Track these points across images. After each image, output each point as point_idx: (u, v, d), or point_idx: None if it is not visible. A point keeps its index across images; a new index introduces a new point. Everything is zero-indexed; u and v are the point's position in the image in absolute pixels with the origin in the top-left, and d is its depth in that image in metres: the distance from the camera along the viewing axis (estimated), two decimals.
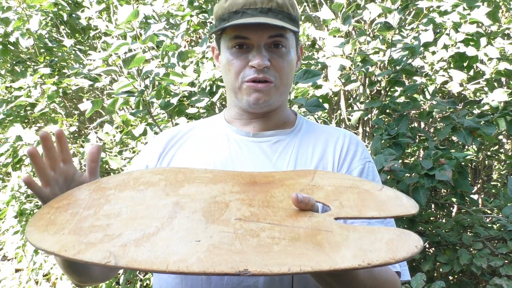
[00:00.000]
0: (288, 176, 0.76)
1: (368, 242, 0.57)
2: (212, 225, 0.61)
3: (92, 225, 0.62)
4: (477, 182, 3.06)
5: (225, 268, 0.52)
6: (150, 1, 2.53)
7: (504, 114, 1.84)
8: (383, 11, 2.01)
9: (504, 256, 1.85)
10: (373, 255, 0.54)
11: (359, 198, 0.68)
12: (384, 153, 1.73)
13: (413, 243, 0.57)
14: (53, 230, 0.61)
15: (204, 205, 0.66)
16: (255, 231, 0.59)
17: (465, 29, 2.06)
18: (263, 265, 0.53)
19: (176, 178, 0.75)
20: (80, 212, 0.65)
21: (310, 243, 0.56)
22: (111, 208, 0.66)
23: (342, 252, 0.55)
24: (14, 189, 2.88)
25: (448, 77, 2.22)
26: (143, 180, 0.74)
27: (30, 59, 3.05)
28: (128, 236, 0.59)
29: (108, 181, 0.75)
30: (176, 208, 0.66)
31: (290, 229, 0.59)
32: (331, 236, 0.58)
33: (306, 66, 2.25)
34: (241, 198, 0.68)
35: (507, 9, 2.80)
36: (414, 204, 0.67)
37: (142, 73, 2.09)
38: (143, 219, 0.63)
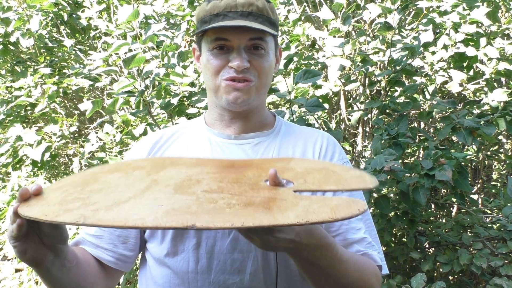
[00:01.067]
0: (266, 162, 0.82)
1: (315, 207, 0.64)
2: (178, 195, 0.68)
3: (75, 198, 0.70)
4: (477, 182, 3.06)
5: (176, 223, 0.60)
6: (150, 1, 2.53)
7: (504, 114, 1.84)
8: (383, 11, 2.01)
9: (504, 256, 1.85)
10: (313, 216, 0.62)
11: (324, 177, 0.75)
12: (384, 153, 1.73)
13: (357, 207, 0.64)
14: (41, 203, 0.69)
15: (178, 182, 0.73)
16: (215, 199, 0.67)
17: (465, 29, 2.06)
18: (210, 221, 0.60)
19: (163, 163, 0.82)
20: (69, 190, 0.73)
21: (261, 208, 0.64)
22: (97, 186, 0.74)
23: (287, 213, 0.62)
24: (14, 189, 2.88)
25: (448, 77, 2.22)
26: (133, 166, 0.81)
27: (31, 59, 3.05)
28: (101, 203, 0.67)
29: (103, 167, 0.83)
30: (152, 184, 0.73)
31: (248, 198, 0.67)
32: (283, 203, 0.65)
33: (306, 66, 2.25)
34: (214, 177, 0.75)
35: (507, 9, 2.80)
36: (374, 180, 0.74)
37: (143, 73, 2.09)
38: (120, 192, 0.70)
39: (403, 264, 2.22)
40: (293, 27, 2.50)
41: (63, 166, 3.58)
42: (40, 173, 3.14)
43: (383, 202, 1.76)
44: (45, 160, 2.53)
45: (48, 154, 2.51)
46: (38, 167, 2.66)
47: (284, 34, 2.53)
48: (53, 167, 3.42)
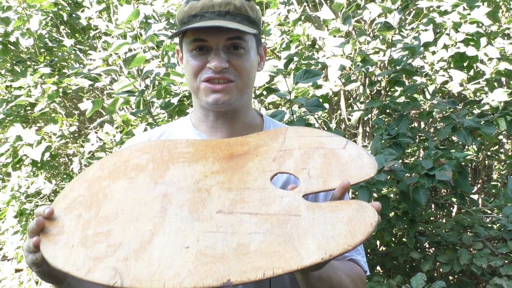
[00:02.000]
0: (261, 141, 0.83)
1: (330, 225, 0.67)
2: (197, 223, 0.69)
3: (95, 233, 0.70)
4: (477, 182, 3.06)
5: (212, 281, 0.62)
6: (150, 1, 2.53)
7: (504, 114, 1.84)
8: (383, 11, 2.01)
9: (504, 256, 1.85)
10: (333, 244, 0.64)
11: (324, 163, 0.77)
12: (384, 153, 1.73)
13: (369, 220, 0.66)
14: (63, 241, 0.69)
15: (189, 195, 0.74)
16: (235, 226, 0.68)
17: (465, 29, 2.06)
18: (242, 272, 0.62)
19: (162, 157, 0.81)
20: (82, 214, 0.73)
21: (281, 237, 0.66)
22: (109, 207, 0.73)
23: (308, 243, 0.64)
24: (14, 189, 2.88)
25: (448, 77, 2.22)
26: (133, 163, 0.81)
27: (30, 59, 3.05)
28: (127, 246, 0.67)
29: (102, 167, 0.81)
30: (165, 202, 0.73)
31: (264, 218, 0.69)
32: (299, 222, 0.68)
33: (306, 66, 2.25)
34: (221, 181, 0.76)
35: (507, 9, 2.80)
36: (373, 165, 0.76)
37: (143, 73, 2.09)
38: (137, 221, 0.71)
39: (403, 264, 2.22)
40: (293, 27, 2.50)
41: (63, 166, 3.58)
42: (40, 173, 3.14)
43: (383, 202, 1.76)
44: (45, 160, 2.52)
45: (48, 154, 2.51)
46: (38, 167, 2.66)
47: (284, 34, 2.53)
48: (53, 167, 3.42)
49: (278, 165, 0.78)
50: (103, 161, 0.83)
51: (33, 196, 3.08)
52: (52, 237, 0.70)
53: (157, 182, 0.77)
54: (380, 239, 2.30)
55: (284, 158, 0.79)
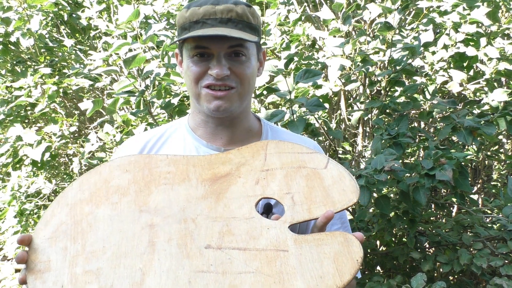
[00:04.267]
0: (243, 159, 0.84)
1: (318, 263, 0.68)
2: (187, 261, 0.70)
3: (84, 271, 0.68)
4: (477, 182, 3.06)
5: None
6: (150, 1, 2.53)
7: (504, 114, 1.84)
8: (383, 11, 2.01)
9: (504, 256, 1.85)
10: (323, 286, 0.66)
11: (307, 187, 0.78)
12: (385, 153, 1.73)
13: (355, 256, 0.69)
14: (52, 279, 0.67)
15: (176, 227, 0.74)
16: (225, 264, 0.69)
17: (465, 29, 2.06)
18: None
19: (143, 177, 0.80)
20: (68, 247, 0.71)
21: (271, 277, 0.67)
22: (95, 240, 0.72)
23: (298, 284, 0.66)
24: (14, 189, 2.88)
25: (448, 77, 2.22)
26: (114, 184, 0.79)
27: (31, 59, 3.05)
28: (119, 286, 0.67)
29: (82, 188, 0.79)
30: (152, 234, 0.73)
31: (253, 255, 0.70)
32: (288, 259, 0.69)
33: (306, 66, 2.25)
34: (206, 208, 0.76)
35: (507, 9, 2.80)
36: (355, 188, 0.78)
37: (143, 73, 2.09)
38: (126, 257, 0.70)
39: (403, 264, 2.22)
40: (293, 27, 2.50)
41: (63, 166, 3.58)
42: (40, 173, 3.14)
43: (383, 202, 1.76)
44: (45, 160, 2.52)
45: (48, 154, 2.51)
46: (38, 167, 2.66)
47: (284, 34, 2.53)
48: (53, 167, 3.42)
49: (262, 189, 0.79)
50: (83, 180, 0.80)
51: (33, 196, 3.08)
52: (40, 274, 0.68)
53: (141, 209, 0.76)
54: (380, 239, 2.30)
55: (267, 180, 0.79)
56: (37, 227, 0.74)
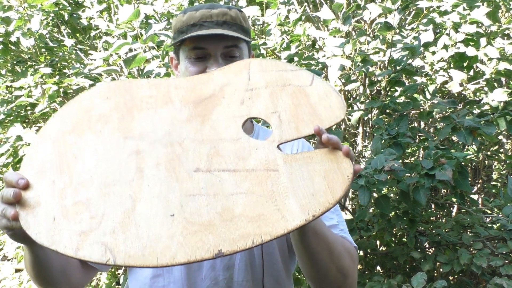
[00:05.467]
0: (225, 79, 0.81)
1: (309, 180, 0.68)
2: (177, 185, 0.69)
3: (74, 202, 0.68)
4: (477, 182, 3.06)
5: (203, 252, 0.63)
6: (150, 1, 2.53)
7: (504, 114, 1.84)
8: (383, 11, 2.01)
9: (504, 256, 1.85)
10: (315, 203, 0.66)
11: (294, 104, 0.77)
12: (385, 153, 1.74)
13: (346, 172, 0.68)
14: (43, 213, 0.66)
15: (163, 151, 0.72)
16: (215, 186, 0.68)
17: (465, 29, 2.06)
18: (232, 241, 0.63)
19: (125, 103, 0.78)
20: (56, 180, 0.70)
21: (263, 197, 0.67)
22: (82, 171, 0.71)
23: (291, 203, 0.66)
24: None
25: (448, 77, 2.22)
26: (96, 113, 0.77)
27: (31, 59, 3.05)
28: (111, 216, 0.66)
29: (64, 120, 0.76)
30: (139, 160, 0.71)
31: (243, 176, 0.69)
32: (279, 178, 0.69)
33: (306, 66, 2.25)
34: (192, 130, 0.74)
35: (507, 9, 2.80)
36: (341, 105, 0.76)
37: (143, 73, 2.09)
38: (115, 185, 0.69)
39: (403, 264, 2.22)
40: (294, 27, 2.50)
41: None
42: None
43: (383, 202, 1.76)
44: None
45: None
46: None
47: (284, 34, 2.53)
48: None
49: (248, 109, 0.77)
50: (63, 112, 0.78)
51: None
52: (30, 209, 0.67)
53: (126, 136, 0.74)
54: (380, 239, 2.30)
55: (253, 100, 0.78)
56: (23, 165, 0.72)
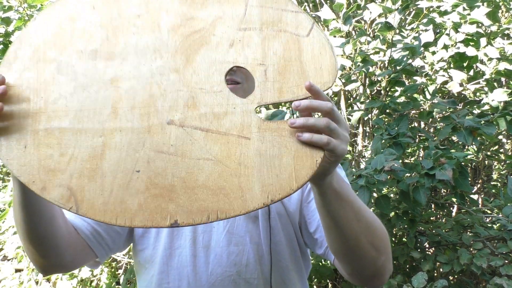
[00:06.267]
0: (221, 11, 0.75)
1: (277, 158, 0.67)
2: (148, 137, 0.68)
3: (46, 131, 0.67)
4: (477, 182, 3.06)
5: (160, 219, 0.64)
6: None
7: (504, 114, 1.84)
8: (383, 11, 2.01)
9: (504, 256, 1.85)
10: (277, 186, 0.65)
11: (284, 59, 0.72)
12: (385, 153, 1.74)
13: (316, 155, 0.66)
14: (15, 136, 0.66)
15: (141, 93, 0.70)
16: (185, 145, 0.67)
17: (465, 29, 2.06)
18: (189, 213, 0.64)
19: (111, 21, 0.73)
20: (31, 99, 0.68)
21: (229, 168, 0.66)
22: (58, 97, 0.69)
23: (253, 182, 0.66)
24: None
25: (448, 77, 2.22)
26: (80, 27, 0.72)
27: None
28: (80, 157, 0.66)
29: (46, 25, 0.72)
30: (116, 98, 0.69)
31: (215, 138, 0.68)
32: (248, 149, 0.67)
33: None
34: (174, 72, 0.71)
35: (507, 9, 2.80)
36: (333, 70, 0.71)
37: None
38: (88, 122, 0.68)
39: (404, 264, 2.22)
40: None
41: None
42: None
43: (383, 202, 1.76)
44: None
45: None
46: None
47: None
48: None
49: (235, 55, 0.72)
50: (47, 15, 0.73)
51: None
52: (4, 126, 0.66)
53: (107, 64, 0.71)
54: None
55: (243, 44, 0.73)
56: (1, 68, 0.70)
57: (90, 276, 2.66)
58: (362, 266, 0.79)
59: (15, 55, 0.71)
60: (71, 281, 2.66)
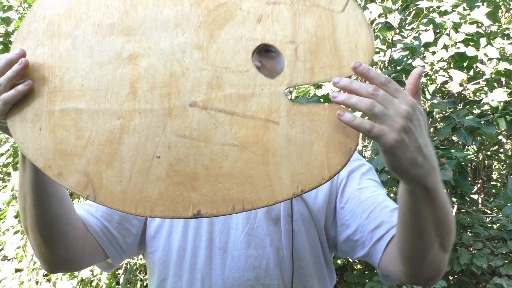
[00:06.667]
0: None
1: (309, 145, 0.61)
2: (169, 120, 0.63)
3: (62, 112, 0.64)
4: (477, 182, 3.06)
5: (182, 209, 0.60)
6: None
7: (504, 114, 1.84)
8: (383, 11, 2.01)
9: (504, 256, 1.86)
10: (308, 175, 0.60)
11: (316, 36, 0.64)
12: None
13: (349, 143, 0.60)
14: (30, 117, 0.64)
15: (161, 72, 0.65)
16: (209, 130, 0.63)
17: (465, 29, 2.06)
18: (213, 202, 0.60)
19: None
20: (46, 77, 0.65)
21: (256, 154, 0.61)
22: (74, 76, 0.65)
23: (282, 170, 0.61)
24: (15, 189, 2.88)
25: (448, 77, 2.22)
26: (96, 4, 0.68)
27: None
28: (97, 141, 0.63)
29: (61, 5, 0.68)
30: (134, 76, 0.65)
31: (241, 122, 0.63)
32: (277, 134, 0.62)
33: None
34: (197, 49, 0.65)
35: (507, 9, 2.80)
36: (370, 49, 0.63)
37: None
38: (105, 103, 0.64)
39: None
40: None
41: None
42: None
43: None
44: None
45: None
46: None
47: None
48: None
49: (263, 31, 0.66)
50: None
51: None
52: (19, 107, 0.64)
53: (125, 40, 0.66)
54: None
55: (271, 20, 0.66)
56: (14, 45, 0.67)
57: (90, 276, 2.66)
58: (427, 267, 0.72)
59: (29, 29, 0.67)
60: (71, 281, 2.66)
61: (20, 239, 2.96)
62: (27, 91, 0.64)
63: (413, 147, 0.57)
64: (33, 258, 2.90)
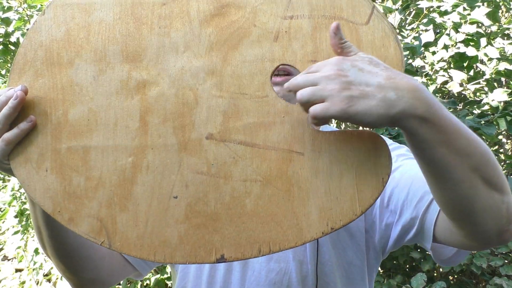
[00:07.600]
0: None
1: (337, 176, 0.56)
2: (185, 156, 0.58)
3: (69, 150, 0.59)
4: None
5: (204, 254, 0.56)
6: None
7: (504, 114, 1.84)
8: (384, 11, 2.01)
9: (504, 256, 1.86)
10: (338, 210, 0.55)
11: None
12: None
13: (382, 172, 0.55)
14: (35, 158, 0.59)
15: (172, 101, 0.59)
16: (228, 165, 0.58)
17: (465, 29, 2.06)
18: (237, 246, 0.56)
19: (132, 12, 0.62)
20: (48, 112, 0.60)
21: (281, 190, 0.57)
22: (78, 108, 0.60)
23: (310, 205, 0.56)
24: (15, 189, 2.88)
25: (448, 77, 2.22)
26: (96, 19, 0.62)
27: None
28: (108, 182, 0.58)
29: (58, 20, 0.62)
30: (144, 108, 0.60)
31: (262, 155, 0.58)
32: (302, 166, 0.57)
33: None
34: (210, 75, 0.60)
35: (507, 9, 2.80)
36: (400, 63, 0.57)
37: None
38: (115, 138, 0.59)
39: (403, 264, 2.22)
40: None
41: None
42: None
43: None
44: None
45: None
46: None
47: None
48: None
49: (281, 50, 0.59)
50: (58, 6, 0.62)
51: None
52: (22, 146, 0.59)
53: (130, 67, 0.60)
54: None
55: (290, 36, 0.59)
56: (11, 76, 0.61)
57: None
58: (485, 216, 0.57)
59: (25, 59, 0.61)
60: None
61: (20, 239, 2.96)
62: (31, 128, 0.59)
63: (369, 92, 0.50)
64: (33, 258, 2.90)
